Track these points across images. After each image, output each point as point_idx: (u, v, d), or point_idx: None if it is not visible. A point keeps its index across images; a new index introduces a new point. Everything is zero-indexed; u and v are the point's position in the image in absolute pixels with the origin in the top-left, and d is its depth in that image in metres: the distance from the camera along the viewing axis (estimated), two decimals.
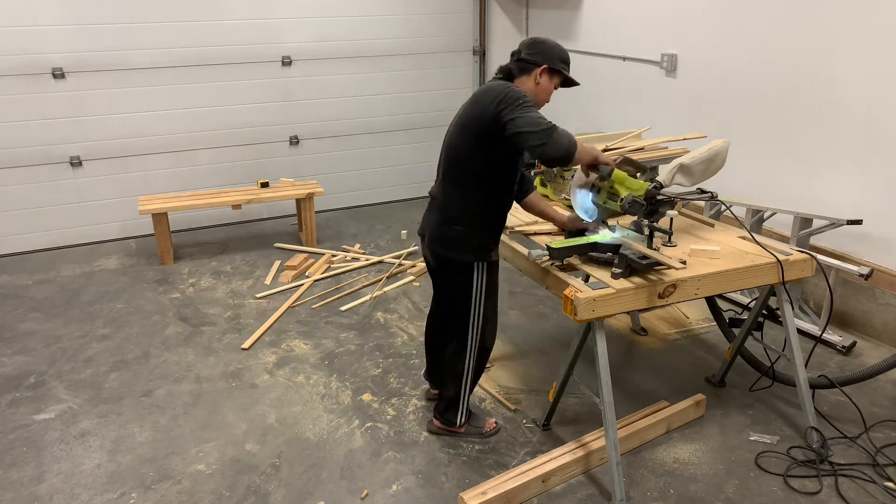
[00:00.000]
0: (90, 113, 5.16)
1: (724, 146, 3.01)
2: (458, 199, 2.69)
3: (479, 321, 2.81)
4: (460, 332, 2.85)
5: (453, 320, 2.87)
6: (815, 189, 3.93)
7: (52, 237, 5.30)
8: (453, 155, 2.69)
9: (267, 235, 5.55)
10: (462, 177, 2.67)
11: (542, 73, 2.64)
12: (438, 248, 2.78)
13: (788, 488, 2.70)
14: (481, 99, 2.58)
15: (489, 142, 2.56)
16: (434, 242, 2.79)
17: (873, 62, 3.55)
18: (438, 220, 2.74)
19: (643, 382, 3.43)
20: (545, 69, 2.64)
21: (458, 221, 2.69)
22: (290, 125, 5.84)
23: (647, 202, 2.64)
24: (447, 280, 2.85)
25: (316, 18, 5.67)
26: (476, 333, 2.84)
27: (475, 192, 2.66)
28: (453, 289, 2.81)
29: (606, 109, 5.41)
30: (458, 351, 2.88)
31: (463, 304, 2.78)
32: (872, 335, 3.80)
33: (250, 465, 2.89)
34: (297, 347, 3.82)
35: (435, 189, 2.82)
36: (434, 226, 2.76)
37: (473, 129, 2.59)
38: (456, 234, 2.70)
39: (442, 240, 2.75)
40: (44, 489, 2.77)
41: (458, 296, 2.78)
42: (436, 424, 3.05)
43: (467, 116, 2.63)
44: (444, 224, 2.72)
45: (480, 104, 2.56)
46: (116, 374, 3.59)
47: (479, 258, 2.71)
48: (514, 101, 2.46)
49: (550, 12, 6.00)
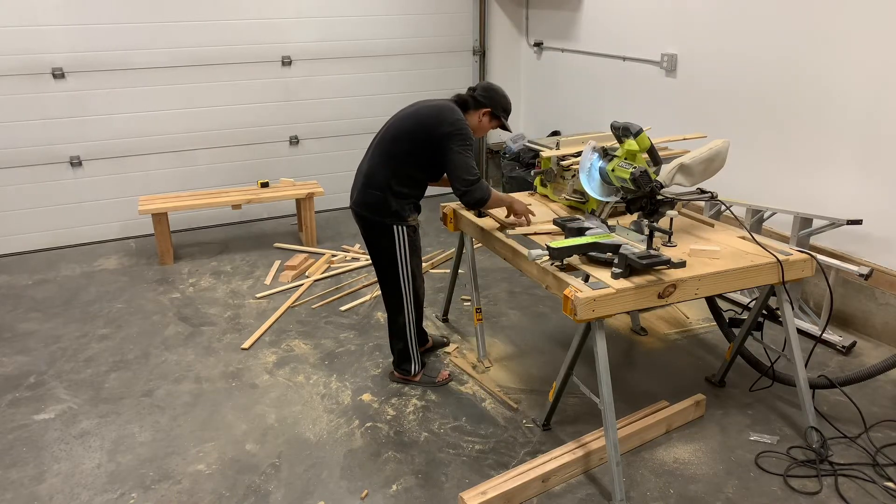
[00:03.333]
0: (90, 113, 5.17)
1: (724, 146, 3.01)
2: (383, 174, 3.10)
3: (408, 276, 3.24)
4: (395, 289, 3.26)
5: (386, 281, 3.27)
6: (815, 189, 3.93)
7: (52, 237, 5.30)
8: (393, 145, 3.10)
9: (267, 235, 5.55)
10: (394, 163, 3.09)
11: (485, 115, 3.19)
12: (362, 209, 3.16)
13: (788, 488, 2.70)
14: (438, 111, 3.06)
15: (426, 143, 3.05)
16: (358, 205, 3.18)
17: (873, 62, 3.55)
18: (363, 184, 3.15)
19: (643, 382, 3.43)
20: (488, 112, 3.18)
21: (379, 188, 3.10)
22: (290, 125, 5.84)
23: (648, 198, 2.66)
24: (374, 242, 3.22)
25: (316, 18, 5.67)
26: (409, 287, 3.26)
27: (401, 177, 3.10)
28: (380, 249, 3.20)
29: (606, 109, 5.41)
30: (397, 306, 3.30)
31: (392, 263, 3.20)
32: (872, 335, 3.80)
33: (250, 465, 2.89)
34: (297, 347, 3.83)
35: (364, 159, 3.23)
36: (359, 189, 3.17)
37: (420, 136, 3.05)
38: (375, 199, 3.11)
39: (365, 203, 3.15)
40: (44, 489, 2.77)
41: (387, 256, 3.19)
42: (396, 376, 3.47)
43: (421, 115, 3.09)
44: (367, 188, 3.13)
45: (436, 113, 3.05)
46: (116, 374, 3.59)
47: (397, 222, 3.13)
48: (462, 140, 3.00)
49: (550, 12, 6.00)
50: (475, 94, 3.18)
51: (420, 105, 3.17)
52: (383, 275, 3.28)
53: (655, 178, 2.72)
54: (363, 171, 3.18)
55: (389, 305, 3.34)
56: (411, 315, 3.33)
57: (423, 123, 3.07)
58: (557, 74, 6.06)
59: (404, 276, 3.23)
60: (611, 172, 2.81)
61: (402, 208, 3.13)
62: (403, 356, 3.40)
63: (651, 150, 2.80)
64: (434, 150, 3.04)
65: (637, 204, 2.83)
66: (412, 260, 3.23)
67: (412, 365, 3.40)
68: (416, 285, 3.31)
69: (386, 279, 3.28)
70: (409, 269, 3.23)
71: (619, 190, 2.86)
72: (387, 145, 3.12)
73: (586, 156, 2.94)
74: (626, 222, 2.99)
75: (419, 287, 3.36)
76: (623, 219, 3.14)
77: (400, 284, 3.24)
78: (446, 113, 3.05)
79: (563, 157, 3.38)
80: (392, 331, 3.40)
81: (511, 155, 6.09)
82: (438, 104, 3.13)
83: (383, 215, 3.11)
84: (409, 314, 3.32)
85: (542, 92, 6.32)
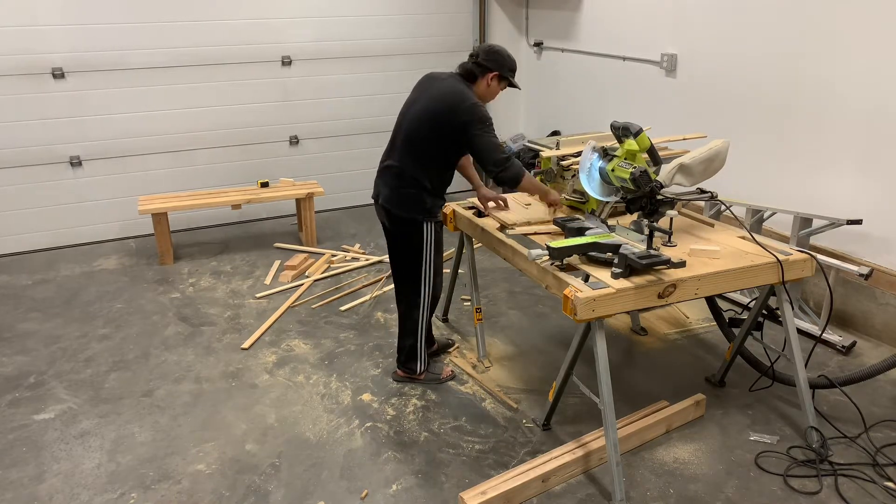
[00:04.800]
0: (90, 113, 5.16)
1: (724, 146, 3.01)
2: (414, 169, 3.09)
3: (430, 272, 3.24)
4: (414, 284, 3.25)
5: (407, 276, 3.26)
6: (814, 189, 3.93)
7: (52, 237, 5.30)
8: (415, 136, 3.08)
9: (267, 235, 5.55)
10: (420, 154, 3.09)
11: (493, 79, 3.12)
12: (395, 208, 3.15)
13: (788, 488, 2.70)
14: (449, 99, 3.02)
15: (449, 137, 3.03)
16: (391, 203, 3.16)
17: (873, 61, 3.55)
18: (396, 185, 3.13)
19: (643, 382, 3.43)
20: (496, 75, 3.11)
21: (413, 186, 3.10)
22: (289, 125, 5.84)
23: (648, 198, 2.66)
24: (401, 238, 3.22)
25: (316, 18, 5.67)
26: (429, 284, 3.26)
27: (429, 167, 3.10)
28: (407, 246, 3.20)
29: (606, 109, 5.40)
30: (413, 302, 3.29)
31: (416, 259, 3.20)
32: (872, 335, 3.80)
33: (250, 465, 2.89)
34: (297, 347, 3.83)
35: (389, 156, 3.18)
36: (392, 189, 3.15)
37: (437, 123, 3.02)
38: (411, 196, 3.11)
39: (399, 201, 3.14)
40: (43, 489, 2.77)
41: (412, 252, 3.20)
42: (399, 374, 3.45)
43: (433, 111, 3.04)
44: (402, 188, 3.12)
45: (447, 104, 3.01)
46: (116, 374, 3.59)
47: (429, 218, 3.15)
48: (482, 123, 2.97)
49: (550, 12, 6.00)
50: (479, 61, 3.11)
51: (430, 93, 3.11)
52: (405, 270, 3.28)
53: (655, 178, 2.72)
54: (393, 171, 3.14)
55: (405, 301, 3.33)
56: (425, 312, 3.32)
57: (439, 121, 3.02)
58: (557, 74, 6.06)
59: (426, 273, 3.23)
60: (611, 172, 2.81)
61: (435, 205, 3.16)
62: (411, 354, 3.38)
63: (651, 150, 2.80)
64: (460, 142, 3.04)
65: (637, 204, 2.83)
66: (437, 257, 3.24)
67: (418, 364, 3.39)
68: (437, 282, 3.32)
69: (407, 274, 3.27)
70: (432, 266, 3.23)
71: (619, 190, 2.86)
72: (414, 146, 3.08)
73: (586, 156, 2.94)
74: (626, 222, 2.99)
75: (439, 284, 3.37)
76: (623, 219, 3.14)
77: (420, 280, 3.24)
78: (457, 99, 3.01)
79: (563, 156, 3.38)
80: (405, 327, 3.37)
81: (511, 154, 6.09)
82: (446, 90, 3.07)
83: (417, 212, 3.13)
84: (423, 311, 3.31)
85: (542, 92, 6.32)
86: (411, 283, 3.27)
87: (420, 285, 3.25)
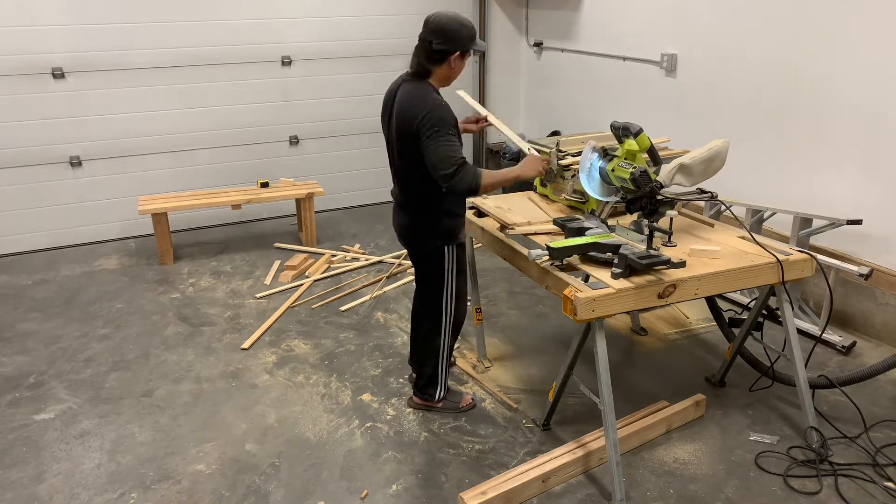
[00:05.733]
0: (90, 113, 5.16)
1: (724, 146, 3.01)
2: (417, 196, 2.91)
3: (451, 298, 3.06)
4: (435, 310, 3.08)
5: (430, 298, 3.09)
6: (814, 189, 3.93)
7: (52, 237, 5.30)
8: (402, 160, 2.87)
9: (267, 235, 5.55)
10: (414, 177, 2.85)
11: (455, 59, 2.79)
12: (413, 239, 3.03)
13: (788, 488, 2.70)
14: (406, 111, 2.76)
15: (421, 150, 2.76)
16: (408, 235, 3.03)
17: (873, 61, 3.55)
18: (407, 216, 2.98)
19: (643, 382, 3.43)
20: (457, 56, 2.78)
21: (423, 214, 2.93)
22: (289, 125, 5.84)
23: (648, 198, 2.66)
24: (423, 264, 3.07)
25: (316, 18, 5.67)
26: (450, 310, 3.08)
27: (429, 187, 2.82)
28: (428, 272, 3.05)
29: (606, 109, 5.40)
30: (434, 328, 3.11)
31: (437, 283, 3.03)
32: (872, 335, 3.80)
33: (250, 465, 2.89)
34: (297, 347, 3.82)
35: (394, 182, 3.02)
36: (405, 222, 3.01)
37: (407, 138, 2.76)
38: (424, 225, 2.95)
39: (414, 232, 3.00)
40: (43, 489, 2.77)
41: (434, 276, 3.02)
42: (415, 401, 3.25)
43: (400, 129, 2.79)
44: (413, 218, 2.97)
45: (407, 117, 2.74)
46: (116, 374, 3.59)
47: (449, 242, 2.96)
48: (431, 128, 2.66)
49: (550, 12, 6.00)
50: (432, 47, 2.74)
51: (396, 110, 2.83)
52: (425, 292, 3.11)
53: (655, 178, 2.72)
54: (402, 203, 2.98)
55: (425, 326, 3.14)
56: (447, 339, 3.12)
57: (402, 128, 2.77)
58: (557, 74, 6.06)
59: (447, 297, 3.04)
60: (611, 172, 2.81)
61: (452, 225, 2.95)
62: (431, 380, 3.18)
63: (651, 150, 2.80)
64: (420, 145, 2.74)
65: (637, 204, 2.83)
66: (458, 279, 3.05)
67: (438, 390, 3.18)
68: (459, 308, 3.14)
69: (429, 297, 3.09)
70: (454, 290, 3.04)
71: (619, 190, 2.86)
72: (409, 168, 2.84)
73: (586, 156, 2.94)
74: (626, 222, 2.99)
75: (462, 309, 3.18)
76: (623, 219, 3.13)
77: (441, 305, 3.05)
78: (414, 112, 2.72)
79: (562, 156, 3.37)
80: (425, 351, 3.16)
81: (511, 155, 6.09)
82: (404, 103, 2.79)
83: (438, 237, 2.94)
84: (444, 337, 3.11)
85: (542, 92, 6.32)
86: (433, 307, 3.08)
87: (441, 310, 3.06)
